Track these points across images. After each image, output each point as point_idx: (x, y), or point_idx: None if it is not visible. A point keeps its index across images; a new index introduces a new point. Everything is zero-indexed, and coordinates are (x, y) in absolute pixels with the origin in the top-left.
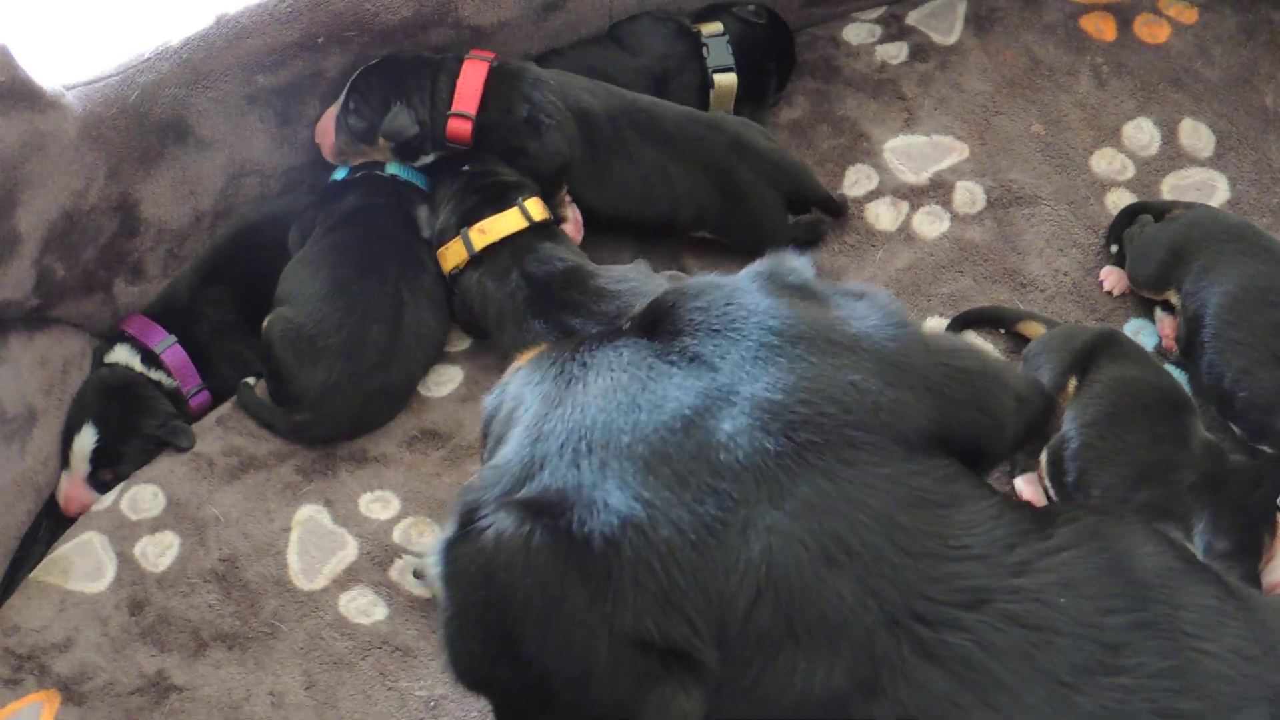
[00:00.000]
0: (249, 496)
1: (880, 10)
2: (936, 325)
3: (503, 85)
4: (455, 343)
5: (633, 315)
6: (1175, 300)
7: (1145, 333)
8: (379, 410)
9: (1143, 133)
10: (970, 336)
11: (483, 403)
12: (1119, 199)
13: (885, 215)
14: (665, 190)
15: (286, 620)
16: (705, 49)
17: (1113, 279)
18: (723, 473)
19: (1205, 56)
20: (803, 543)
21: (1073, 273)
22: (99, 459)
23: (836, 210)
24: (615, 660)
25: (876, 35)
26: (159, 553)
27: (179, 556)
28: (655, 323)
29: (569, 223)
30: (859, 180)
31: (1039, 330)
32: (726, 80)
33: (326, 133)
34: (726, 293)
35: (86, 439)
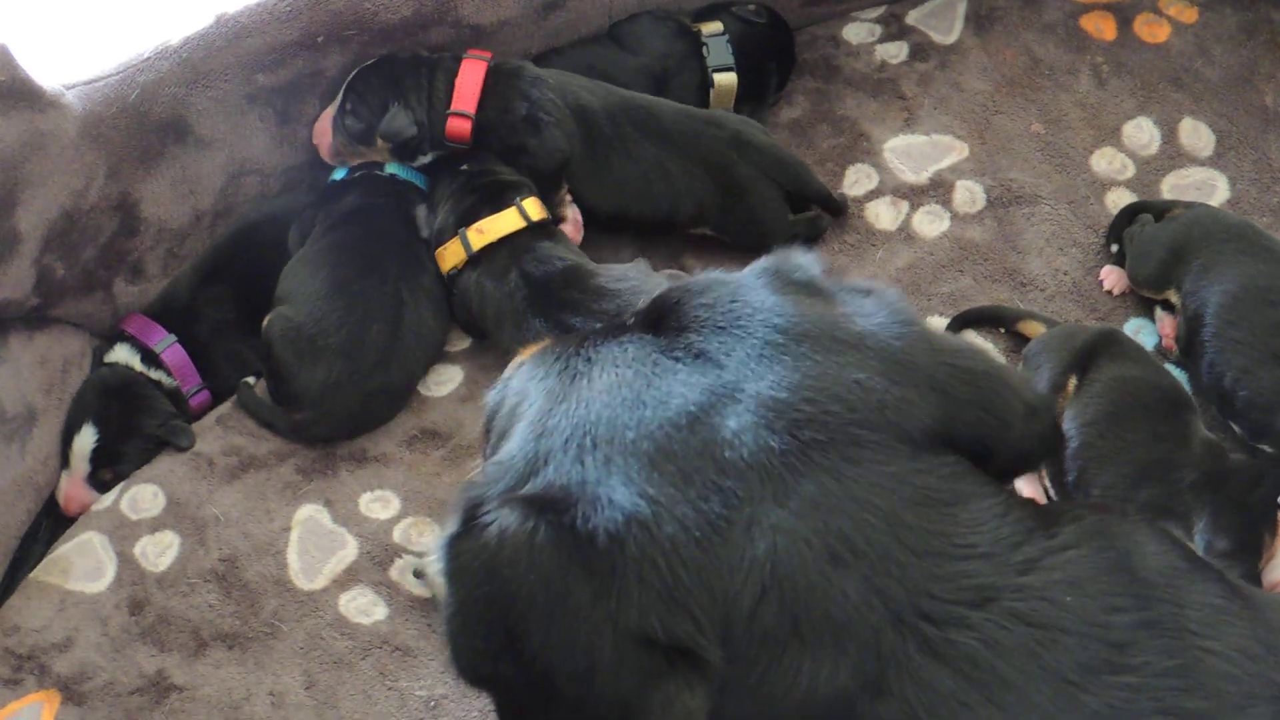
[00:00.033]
0: (249, 496)
1: (880, 10)
2: (937, 325)
3: (501, 84)
4: (455, 342)
5: (637, 311)
6: (1175, 299)
7: (1145, 332)
8: (379, 410)
9: (1143, 132)
10: (970, 336)
11: (485, 398)
12: (1119, 198)
13: (885, 215)
14: (665, 187)
15: (286, 620)
16: (705, 48)
17: (1113, 278)
18: (727, 470)
19: (1205, 56)
20: (807, 541)
21: (1073, 272)
22: (99, 458)
23: (836, 207)
24: (619, 657)
25: (876, 35)
26: (159, 552)
27: (179, 556)
28: (660, 319)
29: (569, 222)
30: (859, 180)
31: (1039, 329)
32: (726, 79)
33: (324, 133)
34: (732, 289)
35: (86, 438)
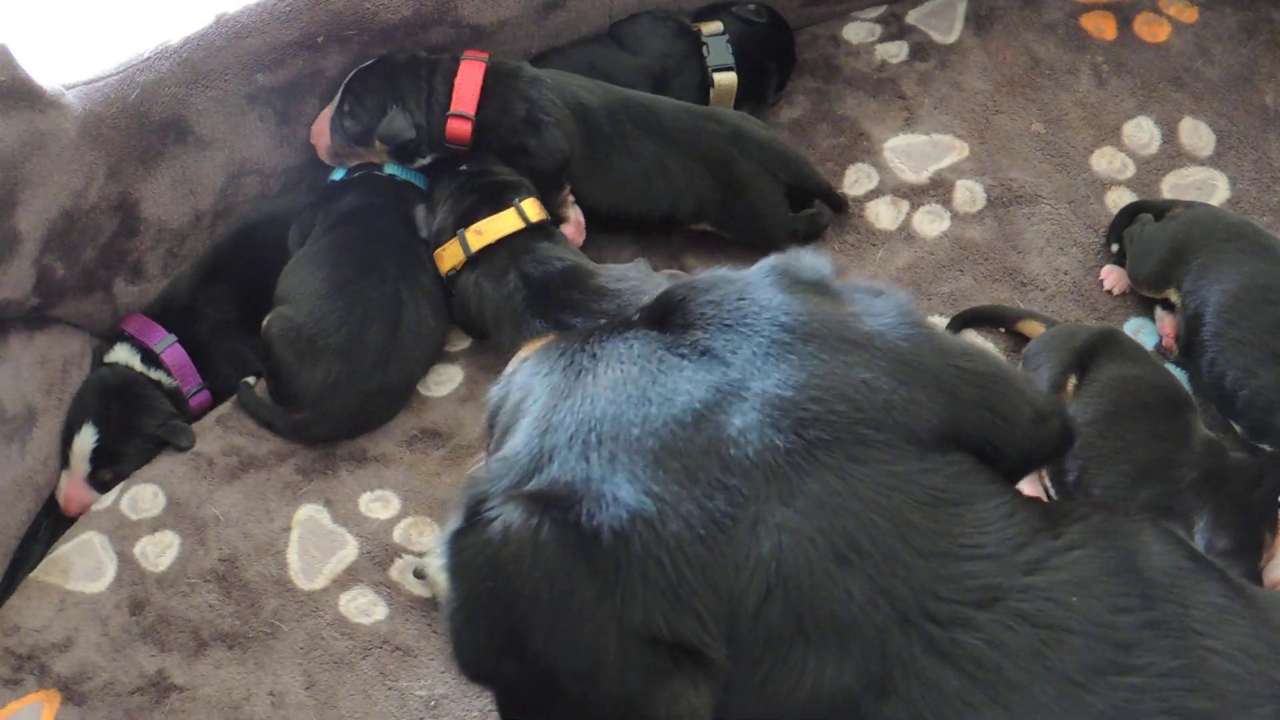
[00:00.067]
0: (249, 496)
1: (880, 9)
2: (937, 324)
3: (500, 85)
4: (455, 342)
5: (642, 306)
6: (1175, 299)
7: (1145, 332)
8: (378, 409)
9: (1143, 132)
10: (970, 336)
11: (489, 393)
12: (1119, 198)
13: (885, 214)
14: (665, 184)
15: (287, 620)
16: (705, 48)
17: (1113, 278)
18: (733, 468)
19: (1205, 55)
20: (813, 541)
21: (1073, 272)
22: (99, 458)
23: (838, 202)
24: (624, 655)
25: (876, 34)
26: (159, 552)
27: (179, 556)
28: (665, 315)
29: (571, 224)
30: (859, 179)
31: (1039, 329)
32: (726, 79)
33: (322, 134)
34: (739, 287)
35: (86, 438)
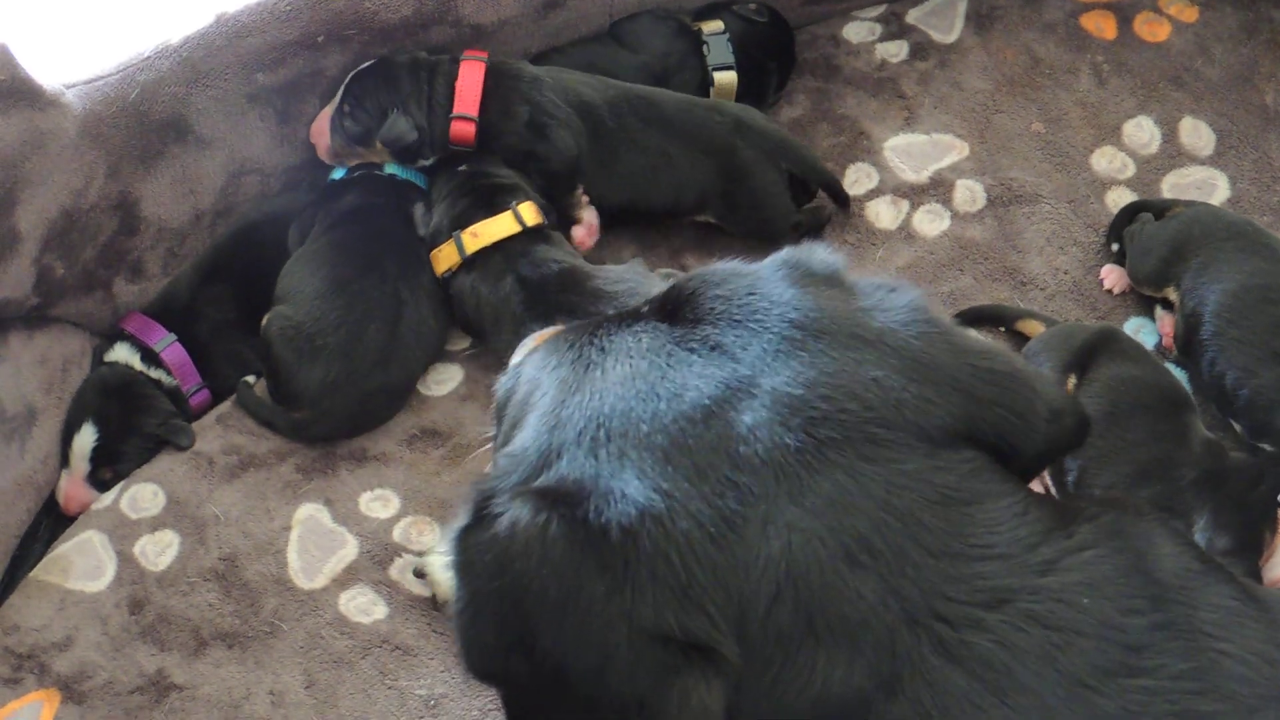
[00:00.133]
0: (249, 495)
1: (880, 8)
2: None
3: (501, 86)
4: (455, 342)
5: (651, 298)
6: (1174, 297)
7: (1145, 331)
8: (378, 409)
9: (1143, 131)
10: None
11: (496, 385)
12: (1119, 197)
13: (886, 214)
14: (669, 175)
15: (286, 619)
16: (706, 47)
17: (1113, 277)
18: (742, 466)
19: (1206, 55)
20: (823, 540)
21: (1073, 271)
22: (99, 457)
23: (842, 195)
24: (635, 653)
25: (876, 34)
26: (159, 551)
27: (179, 555)
28: (675, 308)
29: (584, 225)
30: (859, 179)
31: (1039, 328)
32: (727, 78)
33: (322, 134)
34: (749, 282)
35: (86, 438)
